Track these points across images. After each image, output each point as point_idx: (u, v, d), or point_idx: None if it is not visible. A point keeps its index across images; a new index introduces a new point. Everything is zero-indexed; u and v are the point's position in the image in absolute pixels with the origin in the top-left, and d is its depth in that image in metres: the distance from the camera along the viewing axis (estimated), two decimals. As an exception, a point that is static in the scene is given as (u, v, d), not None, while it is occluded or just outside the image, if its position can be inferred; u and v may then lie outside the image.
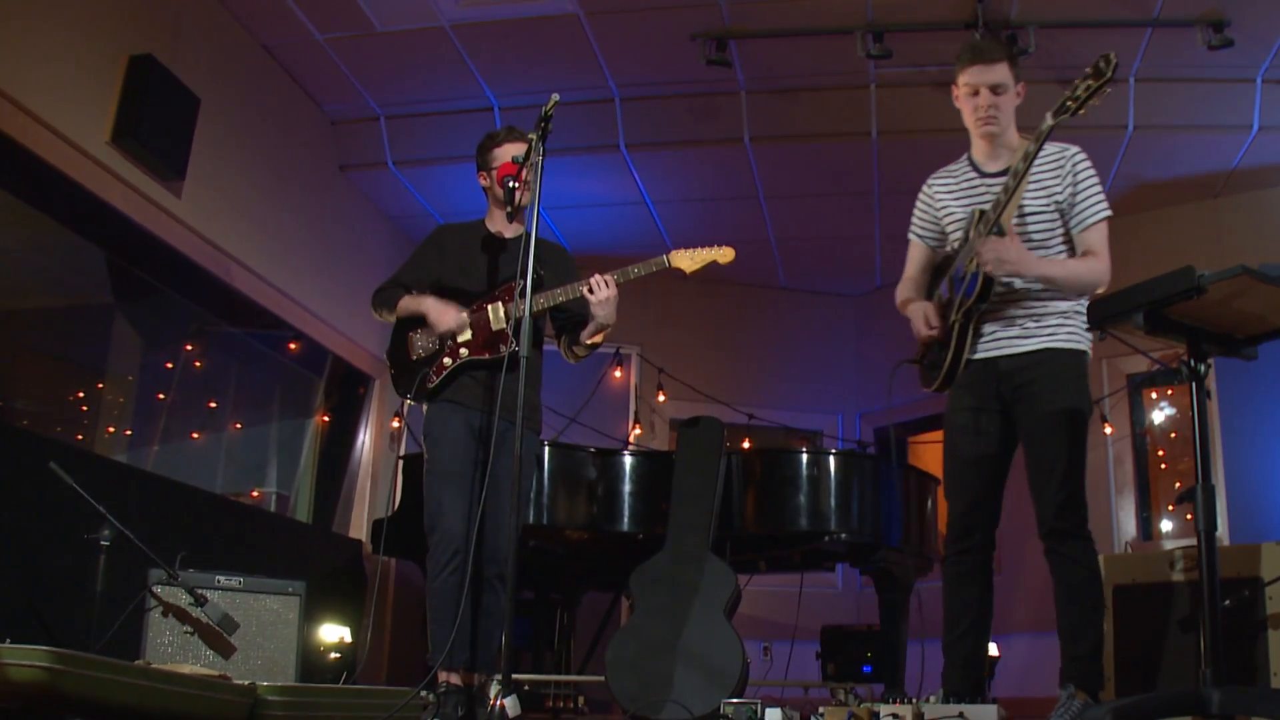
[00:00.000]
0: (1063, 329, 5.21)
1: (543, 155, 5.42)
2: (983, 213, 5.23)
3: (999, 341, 5.26)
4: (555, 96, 5.28)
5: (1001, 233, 5.13)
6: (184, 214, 7.88)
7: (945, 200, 5.55)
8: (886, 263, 12.20)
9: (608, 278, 5.91)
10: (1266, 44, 8.29)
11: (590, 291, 5.90)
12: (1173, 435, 10.66)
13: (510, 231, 6.28)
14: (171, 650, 5.64)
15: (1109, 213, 5.23)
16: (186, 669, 4.80)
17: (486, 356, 6.03)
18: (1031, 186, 5.22)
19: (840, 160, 10.06)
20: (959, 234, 5.41)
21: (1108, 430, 10.52)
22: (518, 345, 5.78)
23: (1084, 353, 5.26)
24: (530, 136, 5.45)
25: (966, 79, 5.35)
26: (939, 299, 5.45)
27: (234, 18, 8.46)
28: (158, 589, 5.66)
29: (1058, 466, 5.06)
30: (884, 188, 10.39)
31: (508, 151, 6.08)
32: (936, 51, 8.47)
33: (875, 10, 8.19)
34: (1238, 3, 7.87)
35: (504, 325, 6.01)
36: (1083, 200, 5.23)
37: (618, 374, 12.15)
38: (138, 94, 7.30)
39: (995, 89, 5.30)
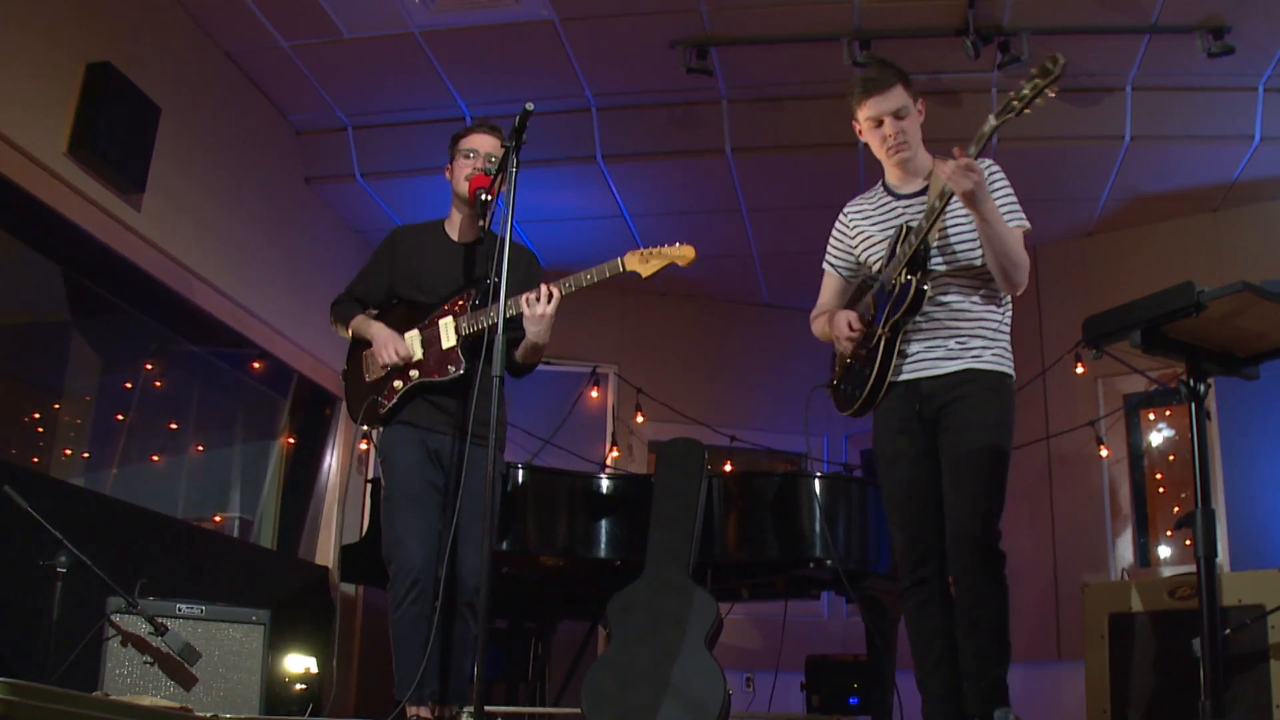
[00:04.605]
0: (988, 351, 5.29)
1: (516, 167, 5.41)
2: (910, 228, 5.30)
3: (922, 363, 5.33)
4: (529, 106, 5.28)
5: (927, 248, 5.27)
6: (144, 228, 7.86)
7: (862, 226, 5.65)
8: (874, 278, 12.23)
9: (553, 288, 5.76)
10: (1269, 51, 8.34)
11: (527, 305, 5.76)
12: (1171, 458, 10.68)
13: (469, 234, 6.21)
14: (131, 681, 5.64)
15: (1026, 224, 5.32)
16: (146, 701, 4.80)
17: (436, 379, 5.97)
18: (954, 201, 5.25)
19: (826, 172, 10.06)
20: (880, 256, 5.49)
21: (1104, 453, 10.55)
22: (468, 365, 5.80)
23: (1009, 375, 5.33)
24: (507, 144, 5.44)
25: (866, 112, 5.45)
26: (864, 311, 5.49)
27: (196, 24, 8.45)
28: (116, 617, 5.65)
29: (978, 482, 5.12)
30: (871, 200, 10.39)
31: (472, 141, 6.07)
32: (925, 59, 8.50)
33: (862, 17, 8.21)
34: (1239, 8, 7.90)
35: (454, 342, 5.96)
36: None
37: (594, 394, 12.16)
38: (95, 103, 7.28)
39: (897, 114, 5.41)
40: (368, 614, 10.45)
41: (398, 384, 5.99)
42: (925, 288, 5.21)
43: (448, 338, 5.97)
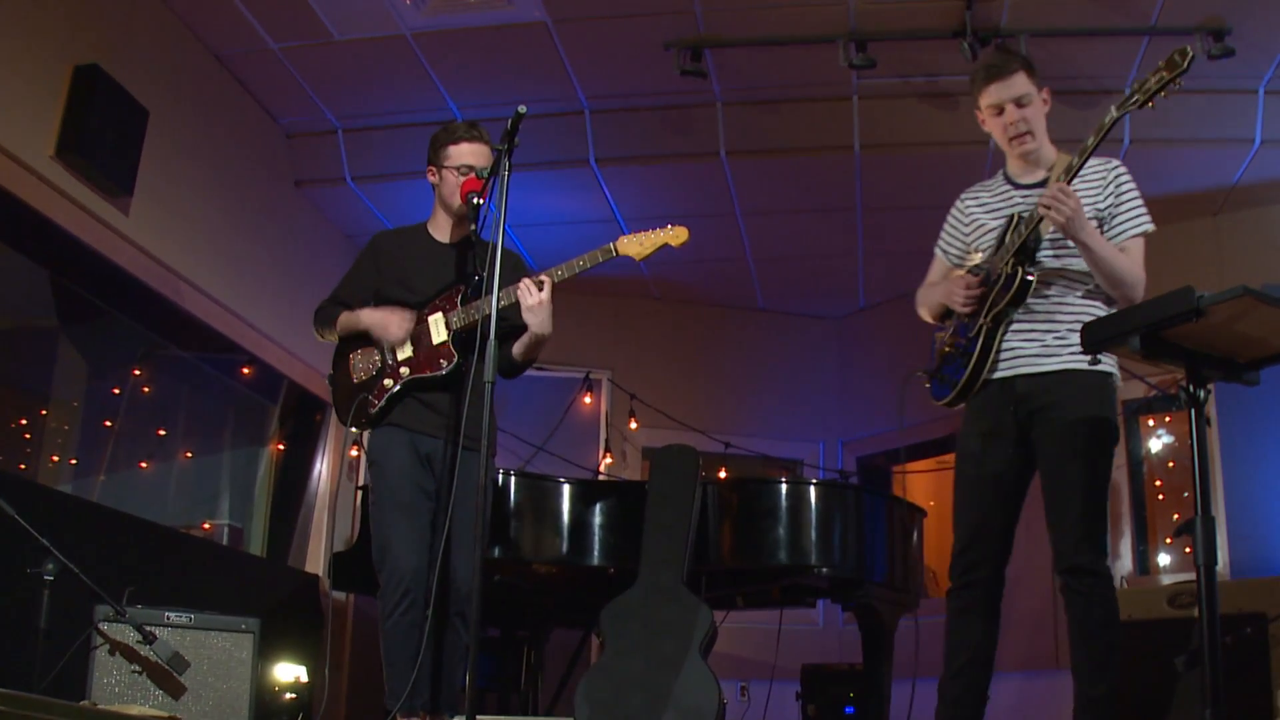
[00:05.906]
0: None
1: (508, 171, 5.40)
2: (1021, 217, 5.26)
3: (1019, 360, 5.25)
4: (522, 108, 5.27)
5: (1038, 239, 5.21)
6: (132, 232, 7.85)
7: (977, 214, 5.59)
8: (869, 283, 12.22)
9: (542, 277, 5.78)
10: (1269, 53, 8.34)
11: (521, 295, 5.74)
12: (1171, 465, 10.67)
13: (455, 236, 6.20)
14: (119, 690, 5.63)
15: (1150, 227, 5.27)
16: (135, 710, 4.80)
17: (428, 374, 5.93)
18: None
19: (821, 175, 10.07)
20: (990, 243, 5.43)
21: (1102, 459, 10.53)
22: (460, 359, 5.78)
23: (1110, 374, 5.23)
24: (499, 148, 5.43)
25: (988, 99, 5.39)
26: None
27: (185, 26, 8.44)
28: (104, 626, 5.64)
29: (1076, 497, 5.04)
30: (867, 204, 10.41)
31: (464, 153, 6.00)
32: (923, 62, 8.50)
33: (858, 18, 8.20)
34: (1239, 10, 7.89)
35: (445, 337, 5.92)
36: (1124, 212, 5.27)
37: (587, 400, 12.15)
38: (83, 106, 7.26)
39: (1019, 101, 5.35)
40: (358, 622, 10.44)
41: (388, 382, 5.96)
42: (1031, 278, 5.16)
43: (438, 333, 5.93)
